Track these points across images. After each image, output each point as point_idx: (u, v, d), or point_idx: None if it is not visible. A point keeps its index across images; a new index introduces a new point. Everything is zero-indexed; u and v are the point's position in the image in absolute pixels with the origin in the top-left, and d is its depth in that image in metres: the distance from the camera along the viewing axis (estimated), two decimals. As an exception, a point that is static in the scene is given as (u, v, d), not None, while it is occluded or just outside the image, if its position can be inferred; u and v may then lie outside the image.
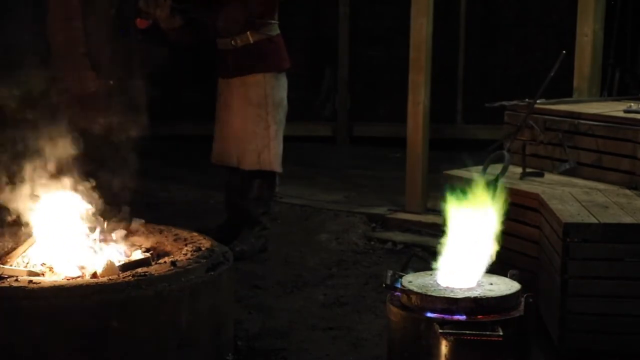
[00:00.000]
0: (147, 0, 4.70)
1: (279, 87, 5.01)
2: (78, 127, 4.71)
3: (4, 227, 3.76)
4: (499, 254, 2.99)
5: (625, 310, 3.58)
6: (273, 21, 4.99)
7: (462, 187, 3.08)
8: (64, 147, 3.68)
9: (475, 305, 2.78)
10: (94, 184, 3.73)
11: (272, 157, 5.00)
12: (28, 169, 3.63)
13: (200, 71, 8.85)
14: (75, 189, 3.70)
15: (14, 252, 3.65)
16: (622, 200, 3.98)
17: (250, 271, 4.77)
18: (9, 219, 3.62)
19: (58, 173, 3.67)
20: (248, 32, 4.90)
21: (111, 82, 5.06)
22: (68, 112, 4.81)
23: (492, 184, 3.98)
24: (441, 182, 4.57)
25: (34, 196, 3.64)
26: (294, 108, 5.20)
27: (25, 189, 3.63)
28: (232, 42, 4.91)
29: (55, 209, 3.65)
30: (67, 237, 3.60)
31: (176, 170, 7.10)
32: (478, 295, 2.81)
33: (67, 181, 3.68)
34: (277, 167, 5.05)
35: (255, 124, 4.95)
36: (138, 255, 3.64)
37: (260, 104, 4.95)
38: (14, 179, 3.61)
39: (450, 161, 4.86)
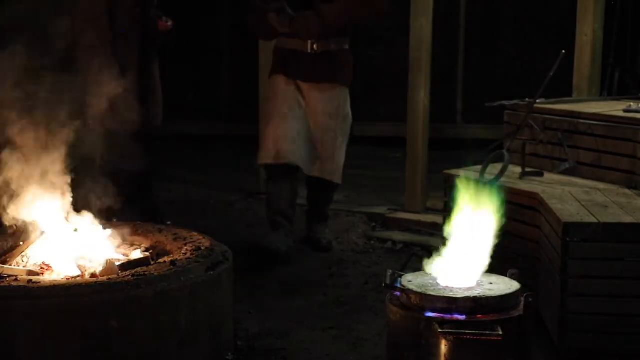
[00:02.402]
0: (277, 11, 4.76)
1: (347, 101, 5.04)
2: (102, 126, 4.75)
3: (4, 227, 3.76)
4: (498, 254, 2.99)
5: (625, 310, 3.58)
6: (348, 34, 4.99)
7: (462, 186, 3.08)
8: (67, 145, 3.68)
9: (474, 304, 2.78)
10: (94, 183, 3.73)
11: (335, 167, 5.02)
12: (29, 168, 3.64)
13: (201, 71, 8.86)
14: (75, 189, 3.70)
15: (13, 252, 3.65)
16: (622, 200, 3.98)
17: (250, 271, 4.77)
18: (10, 217, 3.62)
19: (59, 172, 3.67)
20: (330, 40, 4.86)
21: (137, 81, 5.03)
22: (92, 112, 4.84)
23: (491, 184, 3.99)
24: (441, 182, 4.57)
25: (33, 196, 3.64)
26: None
27: (26, 189, 3.63)
28: (312, 46, 4.83)
29: (55, 208, 3.65)
30: (67, 237, 3.60)
31: (176, 170, 7.10)
32: (478, 295, 2.81)
33: (67, 181, 3.68)
34: (338, 179, 5.07)
35: (324, 132, 4.94)
36: (137, 254, 3.64)
37: (332, 114, 4.94)
38: (16, 179, 3.61)
39: (450, 161, 4.86)
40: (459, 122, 8.37)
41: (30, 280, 3.20)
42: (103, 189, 3.73)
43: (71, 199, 3.68)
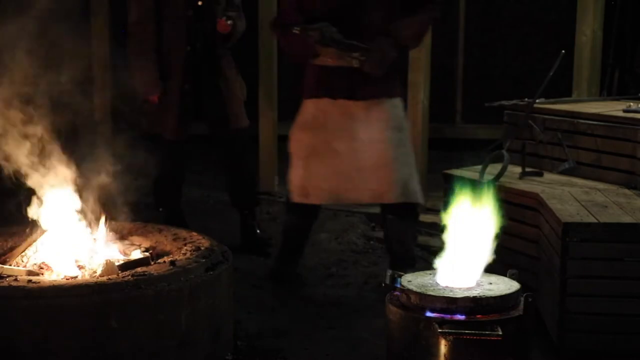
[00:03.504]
0: (323, 33, 3.99)
1: (403, 113, 4.39)
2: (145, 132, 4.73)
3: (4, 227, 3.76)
4: (498, 254, 2.99)
5: (624, 309, 3.58)
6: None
7: (462, 186, 3.08)
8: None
9: (474, 304, 2.78)
10: (94, 183, 3.73)
11: (417, 186, 4.33)
12: (31, 169, 3.64)
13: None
14: (76, 189, 3.70)
15: (13, 252, 3.65)
16: (622, 200, 3.98)
17: (250, 271, 4.77)
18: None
19: (59, 172, 3.67)
20: None
21: (186, 85, 4.92)
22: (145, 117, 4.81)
23: (491, 184, 3.99)
24: (440, 182, 4.57)
25: (33, 195, 3.64)
26: (293, 108, 5.17)
27: (26, 189, 3.64)
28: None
29: (55, 208, 3.65)
30: (67, 237, 3.60)
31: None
32: (477, 295, 2.81)
33: (67, 181, 3.68)
34: (421, 198, 4.42)
35: (399, 149, 4.24)
36: (137, 254, 3.64)
37: (401, 127, 4.28)
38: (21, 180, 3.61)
39: (450, 161, 4.86)
40: (459, 122, 8.37)
41: (30, 280, 3.20)
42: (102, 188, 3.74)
43: (71, 199, 3.69)
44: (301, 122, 4.31)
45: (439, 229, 3.15)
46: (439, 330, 2.72)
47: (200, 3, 4.90)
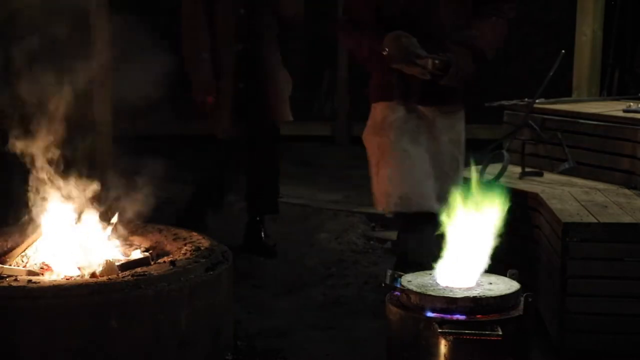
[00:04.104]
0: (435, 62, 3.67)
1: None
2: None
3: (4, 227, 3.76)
4: (498, 254, 2.99)
5: (624, 309, 3.58)
6: None
7: (461, 186, 3.07)
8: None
9: (474, 304, 2.78)
10: (95, 183, 3.73)
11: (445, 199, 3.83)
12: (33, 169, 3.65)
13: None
14: (76, 189, 3.70)
15: (13, 252, 3.65)
16: (622, 200, 3.98)
17: (250, 271, 4.77)
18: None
19: (60, 173, 3.68)
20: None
21: (240, 85, 4.86)
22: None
23: (491, 184, 3.99)
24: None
25: (34, 196, 3.64)
26: (293, 108, 5.17)
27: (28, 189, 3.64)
28: (434, 63, 3.70)
29: (55, 208, 3.65)
30: (67, 237, 3.60)
31: (176, 170, 7.09)
32: (477, 295, 2.81)
33: (67, 181, 3.69)
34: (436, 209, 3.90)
35: (449, 164, 3.94)
36: (137, 254, 3.64)
37: (458, 141, 4.01)
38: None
39: (450, 161, 4.83)
40: (459, 122, 8.35)
41: (30, 280, 3.20)
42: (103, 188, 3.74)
43: (71, 199, 3.69)
44: (375, 124, 4.00)
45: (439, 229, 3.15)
46: (439, 330, 2.72)
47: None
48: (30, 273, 3.37)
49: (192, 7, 4.85)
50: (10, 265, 3.52)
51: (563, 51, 4.41)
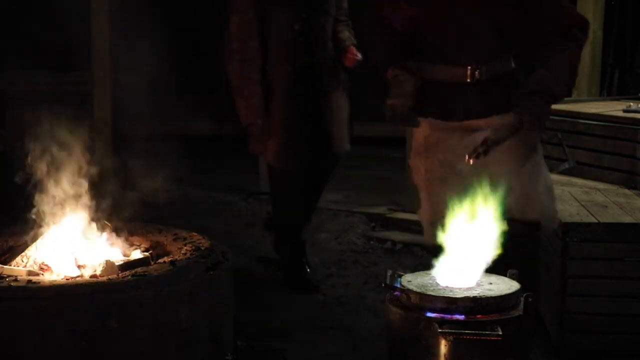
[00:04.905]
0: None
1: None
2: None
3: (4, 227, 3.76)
4: (498, 254, 2.99)
5: (624, 309, 3.58)
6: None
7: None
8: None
9: (474, 304, 2.78)
10: (95, 183, 3.73)
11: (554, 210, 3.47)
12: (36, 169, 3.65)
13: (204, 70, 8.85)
14: (76, 189, 3.70)
15: (13, 252, 3.65)
16: (622, 200, 3.98)
17: (250, 271, 4.77)
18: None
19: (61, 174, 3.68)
20: (496, 61, 3.33)
21: (294, 108, 4.38)
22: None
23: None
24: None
25: (34, 196, 3.64)
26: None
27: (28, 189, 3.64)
28: (474, 73, 3.28)
29: (55, 208, 3.65)
30: (67, 237, 3.60)
31: (176, 170, 7.09)
32: (477, 295, 2.80)
33: (68, 182, 3.68)
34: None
35: (530, 171, 3.38)
36: (137, 254, 3.64)
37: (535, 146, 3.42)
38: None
39: (450, 161, 4.83)
40: (459, 122, 8.35)
41: (30, 280, 3.20)
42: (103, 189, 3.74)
43: (71, 199, 3.69)
44: (415, 147, 3.58)
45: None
46: (439, 330, 2.72)
47: (304, 16, 4.34)
48: (30, 273, 3.37)
49: (246, 27, 4.33)
50: (10, 265, 3.52)
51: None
